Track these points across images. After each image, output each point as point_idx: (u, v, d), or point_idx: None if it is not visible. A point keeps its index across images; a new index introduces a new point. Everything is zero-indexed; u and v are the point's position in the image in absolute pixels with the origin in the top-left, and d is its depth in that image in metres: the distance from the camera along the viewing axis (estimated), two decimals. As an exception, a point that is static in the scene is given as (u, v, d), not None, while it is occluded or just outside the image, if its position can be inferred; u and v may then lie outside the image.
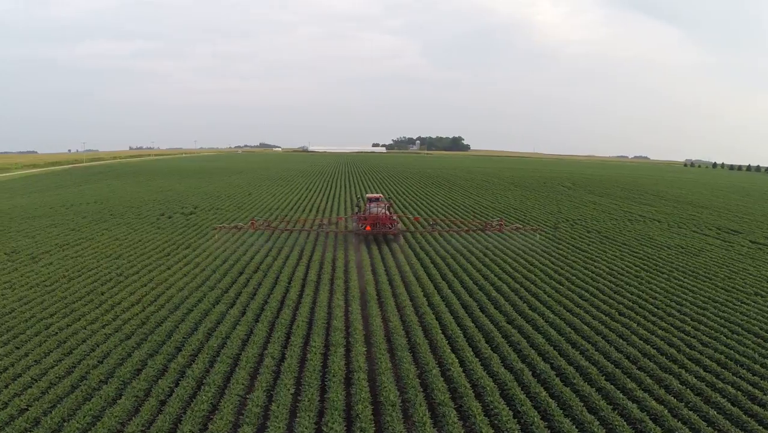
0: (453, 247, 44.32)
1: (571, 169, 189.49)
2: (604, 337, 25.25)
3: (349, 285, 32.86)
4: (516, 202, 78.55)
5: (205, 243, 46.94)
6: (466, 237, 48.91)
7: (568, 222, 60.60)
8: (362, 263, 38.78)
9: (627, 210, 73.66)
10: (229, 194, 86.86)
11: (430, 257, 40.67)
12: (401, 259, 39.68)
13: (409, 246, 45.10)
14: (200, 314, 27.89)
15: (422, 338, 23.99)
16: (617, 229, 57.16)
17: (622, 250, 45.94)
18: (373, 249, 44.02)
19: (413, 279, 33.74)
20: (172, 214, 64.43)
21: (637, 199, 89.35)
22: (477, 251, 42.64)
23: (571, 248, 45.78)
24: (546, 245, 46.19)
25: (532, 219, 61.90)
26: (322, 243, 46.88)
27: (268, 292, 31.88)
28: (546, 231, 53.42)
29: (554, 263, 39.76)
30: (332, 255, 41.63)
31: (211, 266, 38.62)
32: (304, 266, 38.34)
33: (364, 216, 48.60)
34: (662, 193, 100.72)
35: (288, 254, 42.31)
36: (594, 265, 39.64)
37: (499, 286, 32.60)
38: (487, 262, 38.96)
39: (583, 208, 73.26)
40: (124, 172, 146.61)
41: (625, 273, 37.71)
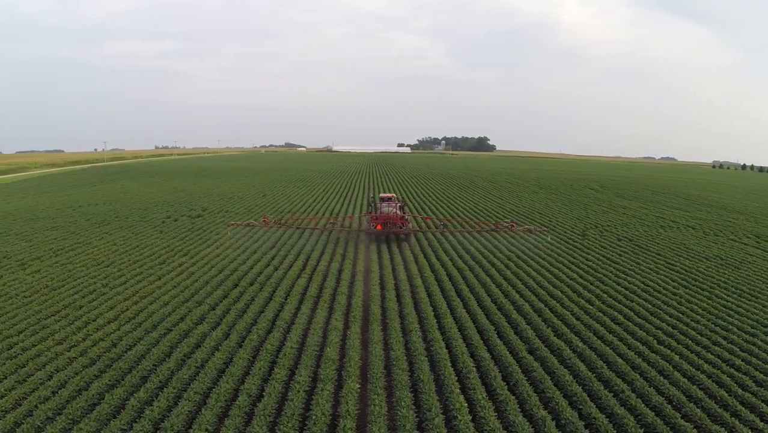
0: (471, 256, 40.73)
1: (598, 171, 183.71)
2: (642, 373, 21.42)
3: (353, 301, 29.45)
4: (541, 206, 74.35)
5: (205, 250, 44.17)
6: (479, 239, 47.76)
7: (596, 228, 56.39)
8: (370, 274, 35.43)
9: (659, 215, 69.09)
10: (242, 195, 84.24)
11: (446, 268, 37.02)
12: (413, 270, 36.19)
13: (423, 255, 41.59)
14: (178, 335, 24.82)
15: (428, 372, 20.45)
16: (650, 236, 52.87)
17: (656, 261, 41.80)
18: (384, 256, 40.71)
19: (424, 296, 30.20)
20: (178, 217, 61.95)
21: (668, 203, 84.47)
22: (498, 262, 38.86)
23: (602, 259, 41.73)
24: (574, 256, 42.22)
25: (558, 225, 57.83)
26: (331, 247, 43.90)
27: (260, 309, 28.66)
28: (574, 239, 49.35)
29: (583, 277, 35.86)
30: (339, 264, 38.40)
31: (206, 276, 35.75)
32: (307, 277, 35.17)
33: (375, 215, 48.67)
34: (694, 197, 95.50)
35: (292, 262, 39.22)
36: (627, 279, 35.64)
37: (521, 306, 28.84)
38: (509, 275, 35.20)
39: (612, 213, 68.85)
40: (142, 172, 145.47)
41: (662, 290, 33.67)
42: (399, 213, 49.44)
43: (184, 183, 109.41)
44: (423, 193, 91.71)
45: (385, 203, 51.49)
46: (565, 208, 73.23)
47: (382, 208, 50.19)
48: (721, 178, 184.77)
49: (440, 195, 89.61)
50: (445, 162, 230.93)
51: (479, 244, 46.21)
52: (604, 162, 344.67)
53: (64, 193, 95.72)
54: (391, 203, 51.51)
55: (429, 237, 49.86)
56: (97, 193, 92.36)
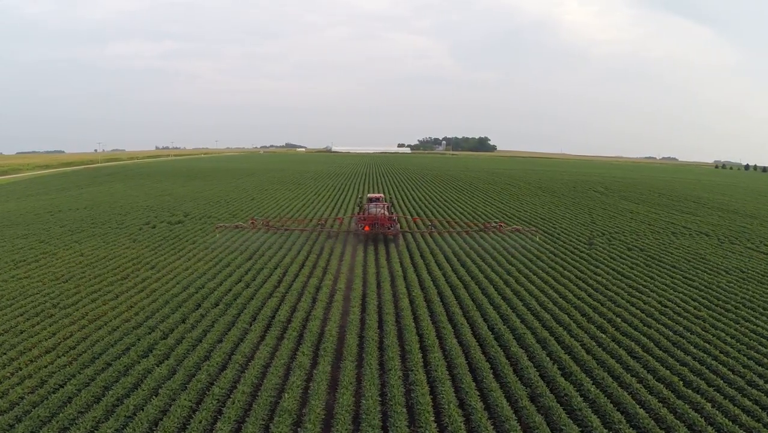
0: (466, 269, 36.77)
1: (600, 172, 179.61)
2: (669, 431, 17.40)
3: (327, 328, 25.38)
4: (543, 210, 70.19)
5: (176, 261, 40.37)
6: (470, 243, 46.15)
7: (604, 236, 52.29)
8: (351, 292, 31.39)
9: (668, 220, 65.00)
10: (229, 199, 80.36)
11: (437, 285, 32.90)
12: (400, 286, 32.07)
13: (413, 267, 37.63)
14: (117, 372, 21.05)
15: (404, 428, 16.48)
16: (661, 245, 48.79)
17: (672, 275, 37.71)
18: (370, 268, 36.78)
19: (410, 321, 26.14)
20: (157, 223, 58.21)
21: (677, 206, 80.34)
22: (496, 277, 34.70)
23: (612, 272, 37.61)
24: (581, 269, 38.08)
25: (563, 232, 53.74)
26: (313, 259, 40.05)
27: (218, 338, 24.69)
28: (581, 249, 45.26)
29: (592, 297, 31.77)
30: (318, 280, 34.44)
31: (168, 294, 31.99)
32: (279, 296, 31.23)
33: (363, 216, 48.12)
34: (703, 200, 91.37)
35: (267, 277, 35.34)
36: (642, 298, 31.55)
37: (522, 334, 24.75)
38: (508, 294, 31.10)
39: (620, 218, 64.74)
40: (134, 174, 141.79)
41: (683, 312, 29.60)
42: (387, 214, 48.60)
43: (174, 186, 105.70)
44: (419, 197, 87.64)
45: (373, 204, 50.94)
46: (569, 212, 69.12)
47: (369, 209, 49.69)
48: (726, 178, 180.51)
49: (437, 198, 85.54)
50: (445, 163, 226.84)
51: (473, 252, 42.70)
52: (606, 162, 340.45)
53: (49, 197, 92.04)
54: (379, 204, 50.81)
55: (419, 242, 46.68)
56: (81, 197, 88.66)
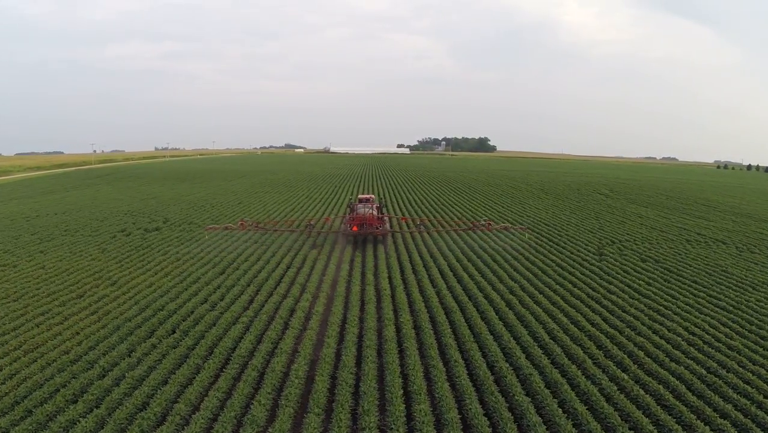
0: (463, 286, 32.67)
1: (603, 172, 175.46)
2: None
3: (293, 367, 21.13)
4: (547, 215, 65.87)
5: (141, 276, 36.30)
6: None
7: (614, 244, 48.06)
8: (330, 316, 27.13)
9: (681, 226, 60.82)
10: (215, 203, 76.32)
11: (430, 307, 28.58)
12: (387, 310, 27.73)
13: (403, 283, 33.52)
14: (33, 426, 16.89)
15: None
16: (677, 255, 44.61)
17: (695, 293, 33.50)
18: (354, 285, 32.66)
19: (394, 357, 21.84)
20: (133, 230, 54.32)
21: (687, 210, 76.13)
22: (497, 298, 30.35)
23: (627, 290, 33.34)
24: (593, 286, 33.77)
25: (569, 239, 49.51)
26: (293, 273, 35.99)
27: (162, 380, 20.53)
28: (590, 260, 41.01)
29: (609, 322, 27.48)
30: (294, 299, 30.28)
31: (122, 317, 28.16)
32: (247, 320, 27.14)
33: (352, 217, 48.23)
34: (713, 203, 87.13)
35: (237, 296, 31.32)
36: (665, 324, 27.31)
37: (528, 376, 20.46)
38: (511, 319, 26.77)
39: (629, 224, 60.50)
40: (125, 176, 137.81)
41: (713, 341, 25.41)
42: (376, 214, 48.74)
43: (162, 188, 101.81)
44: (416, 199, 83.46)
45: (362, 204, 50.80)
46: (574, 217, 64.88)
47: (358, 210, 49.56)
48: (731, 179, 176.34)
49: (435, 201, 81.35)
50: (445, 163, 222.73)
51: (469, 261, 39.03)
52: (607, 163, 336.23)
53: (32, 201, 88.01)
54: (368, 204, 50.34)
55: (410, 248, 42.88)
56: (64, 201, 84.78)
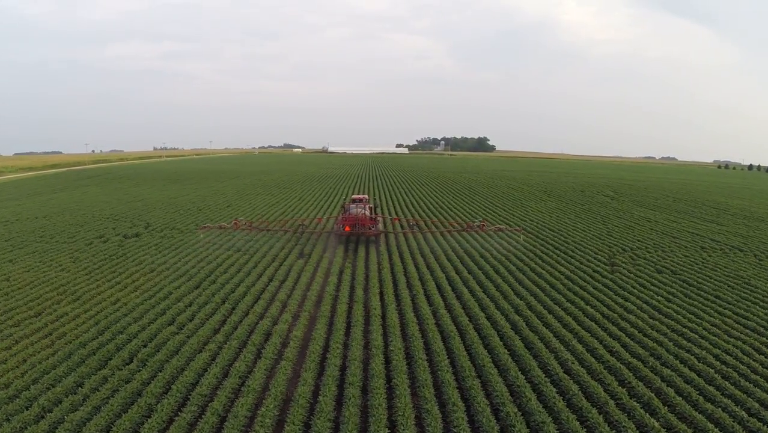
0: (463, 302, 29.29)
1: (604, 173, 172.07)
2: None
3: (259, 413, 17.73)
4: (551, 219, 62.33)
5: (108, 290, 32.93)
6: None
7: (625, 252, 44.63)
8: (310, 341, 23.73)
9: (693, 231, 57.40)
10: (203, 206, 72.86)
11: (425, 331, 25.18)
12: (375, 336, 24.34)
13: (395, 299, 30.12)
14: None
15: None
16: (694, 265, 41.20)
17: (720, 310, 30.04)
18: (340, 304, 29.09)
19: (381, 400, 18.48)
20: (111, 236, 50.95)
21: (697, 214, 72.71)
22: (501, 319, 26.99)
23: (646, 308, 29.82)
24: (608, 303, 30.20)
25: (577, 247, 46.03)
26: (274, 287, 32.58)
27: (105, 425, 17.08)
28: (601, 272, 37.53)
29: (630, 349, 23.82)
30: (272, 320, 26.86)
31: (76, 342, 25.01)
32: (215, 346, 23.72)
33: (344, 217, 48.22)
34: (722, 205, 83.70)
35: (209, 315, 28.06)
36: (693, 351, 23.84)
37: (541, 425, 17.10)
38: (518, 347, 23.32)
39: (638, 229, 57.06)
40: (116, 177, 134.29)
41: (747, 370, 22.01)
42: (368, 214, 48.84)
43: (151, 190, 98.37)
44: (413, 202, 79.96)
45: (354, 204, 50.78)
46: (580, 221, 61.42)
47: (350, 210, 49.49)
48: (734, 179, 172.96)
49: (433, 204, 77.85)
50: (443, 163, 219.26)
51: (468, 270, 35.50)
52: (607, 162, 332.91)
53: (15, 204, 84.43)
54: (361, 204, 50.47)
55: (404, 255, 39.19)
56: (49, 203, 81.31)
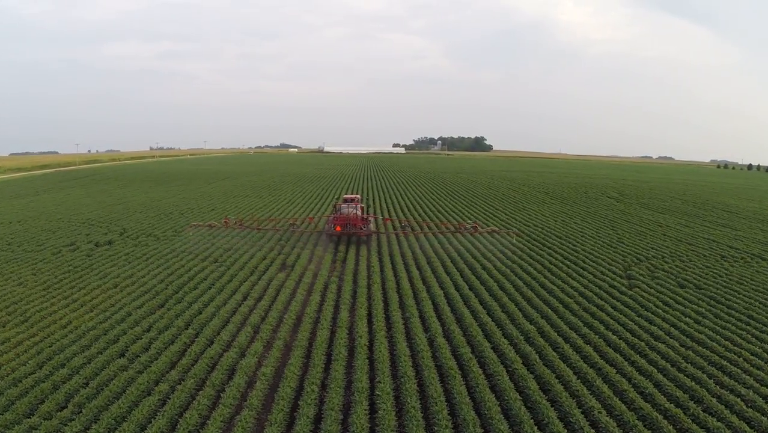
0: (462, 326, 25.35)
1: (606, 173, 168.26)
2: None
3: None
4: (556, 224, 58.09)
5: (60, 311, 29.10)
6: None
7: (641, 263, 40.65)
8: (283, 379, 19.79)
9: (708, 237, 53.48)
10: (186, 209, 68.84)
11: (419, 367, 21.25)
12: (360, 377, 20.32)
13: (386, 322, 26.15)
14: None
15: None
16: (717, 277, 37.22)
17: (759, 336, 25.92)
18: (324, 325, 25.14)
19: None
20: (82, 244, 47.15)
21: (708, 217, 68.83)
22: (509, 350, 23.03)
23: (675, 332, 25.68)
24: (631, 327, 26.03)
25: (588, 256, 42.00)
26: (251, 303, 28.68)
27: None
28: (617, 285, 33.46)
29: (664, 390, 19.74)
30: (239, 351, 22.88)
31: (9, 378, 21.40)
32: (163, 391, 19.65)
33: (336, 217, 47.75)
34: (732, 207, 79.81)
35: (171, 340, 23.98)
36: (737, 390, 19.83)
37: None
38: (532, 390, 19.37)
39: (650, 235, 53.10)
40: (103, 178, 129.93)
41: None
42: (360, 214, 48.44)
43: (136, 192, 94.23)
44: (409, 205, 75.95)
45: (346, 204, 50.15)
46: (587, 226, 57.39)
47: (342, 210, 48.95)
48: (738, 180, 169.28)
49: (430, 207, 73.84)
50: (440, 163, 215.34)
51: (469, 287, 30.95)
52: (606, 162, 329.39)
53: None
54: (352, 204, 50.07)
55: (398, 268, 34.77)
56: (28, 207, 77.08)
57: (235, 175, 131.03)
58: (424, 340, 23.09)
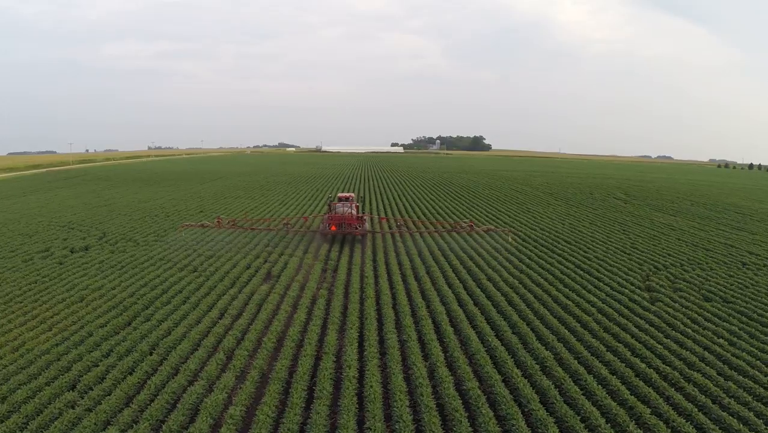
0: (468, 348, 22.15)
1: (609, 173, 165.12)
2: None
3: None
4: (565, 229, 54.56)
5: (15, 330, 25.94)
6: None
7: (659, 272, 37.38)
8: (254, 428, 16.59)
9: (725, 242, 50.24)
10: (172, 211, 65.55)
11: (416, 404, 18.10)
12: (347, 419, 17.16)
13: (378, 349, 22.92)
14: None
15: None
16: (744, 289, 33.92)
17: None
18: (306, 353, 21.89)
19: None
20: (58, 249, 44.02)
21: (721, 219, 65.64)
22: (520, 379, 19.78)
23: (710, 357, 22.55)
24: (660, 353, 22.96)
25: (600, 263, 38.80)
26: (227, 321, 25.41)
27: None
28: (636, 298, 30.17)
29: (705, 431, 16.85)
30: (209, 381, 19.64)
31: None
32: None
33: (330, 216, 47.06)
34: (745, 209, 76.55)
35: (126, 374, 20.68)
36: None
37: None
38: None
39: (664, 240, 49.85)
40: (93, 178, 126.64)
41: None
42: (355, 213, 47.81)
43: (124, 193, 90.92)
44: (408, 206, 72.70)
45: (341, 203, 49.48)
46: (597, 230, 54.04)
47: (336, 209, 48.39)
48: (741, 180, 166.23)
49: (430, 208, 70.63)
50: (439, 163, 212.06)
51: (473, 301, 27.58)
52: (606, 162, 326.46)
53: (-26, 208, 77.09)
54: (347, 203, 49.28)
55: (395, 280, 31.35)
56: (8, 210, 73.80)
57: (228, 175, 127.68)
58: (424, 370, 19.79)
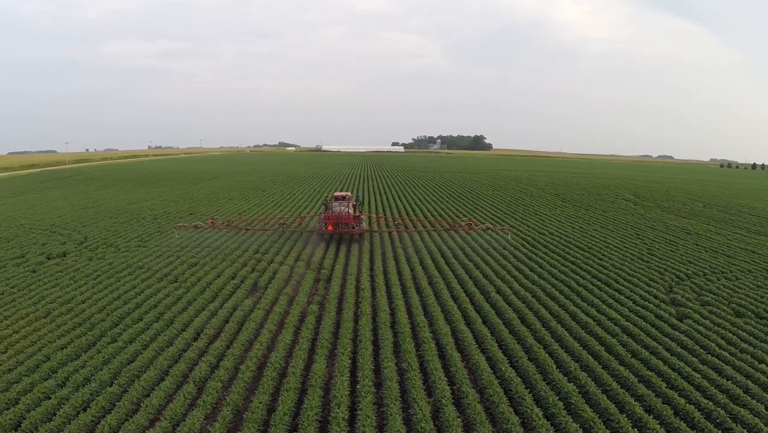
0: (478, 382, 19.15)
1: (614, 173, 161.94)
2: None
3: None
4: (575, 233, 51.16)
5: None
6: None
7: (682, 282, 34.25)
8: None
9: (746, 247, 47.16)
10: (161, 213, 62.68)
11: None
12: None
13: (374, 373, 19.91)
14: None
15: None
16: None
17: None
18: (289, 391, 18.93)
19: None
20: (35, 255, 41.23)
21: (736, 222, 62.55)
22: (540, 420, 16.87)
23: (752, 387, 19.49)
24: (697, 383, 19.66)
25: (619, 273, 35.55)
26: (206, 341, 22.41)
27: None
28: (667, 317, 26.99)
29: None
30: (172, 422, 16.63)
31: None
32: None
33: (327, 215, 46.72)
34: (759, 212, 73.30)
35: (78, 411, 17.72)
36: None
37: None
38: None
39: (682, 245, 46.72)
40: (86, 178, 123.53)
41: None
42: (351, 213, 47.84)
43: (115, 193, 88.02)
44: (409, 207, 69.66)
45: (338, 202, 49.08)
46: (609, 234, 50.82)
47: (333, 208, 47.89)
48: (747, 180, 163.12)
49: (431, 210, 67.59)
50: (440, 162, 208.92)
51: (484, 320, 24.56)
52: (608, 161, 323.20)
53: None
54: (344, 202, 49.15)
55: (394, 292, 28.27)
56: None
57: (224, 174, 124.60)
58: (427, 410, 16.71)
